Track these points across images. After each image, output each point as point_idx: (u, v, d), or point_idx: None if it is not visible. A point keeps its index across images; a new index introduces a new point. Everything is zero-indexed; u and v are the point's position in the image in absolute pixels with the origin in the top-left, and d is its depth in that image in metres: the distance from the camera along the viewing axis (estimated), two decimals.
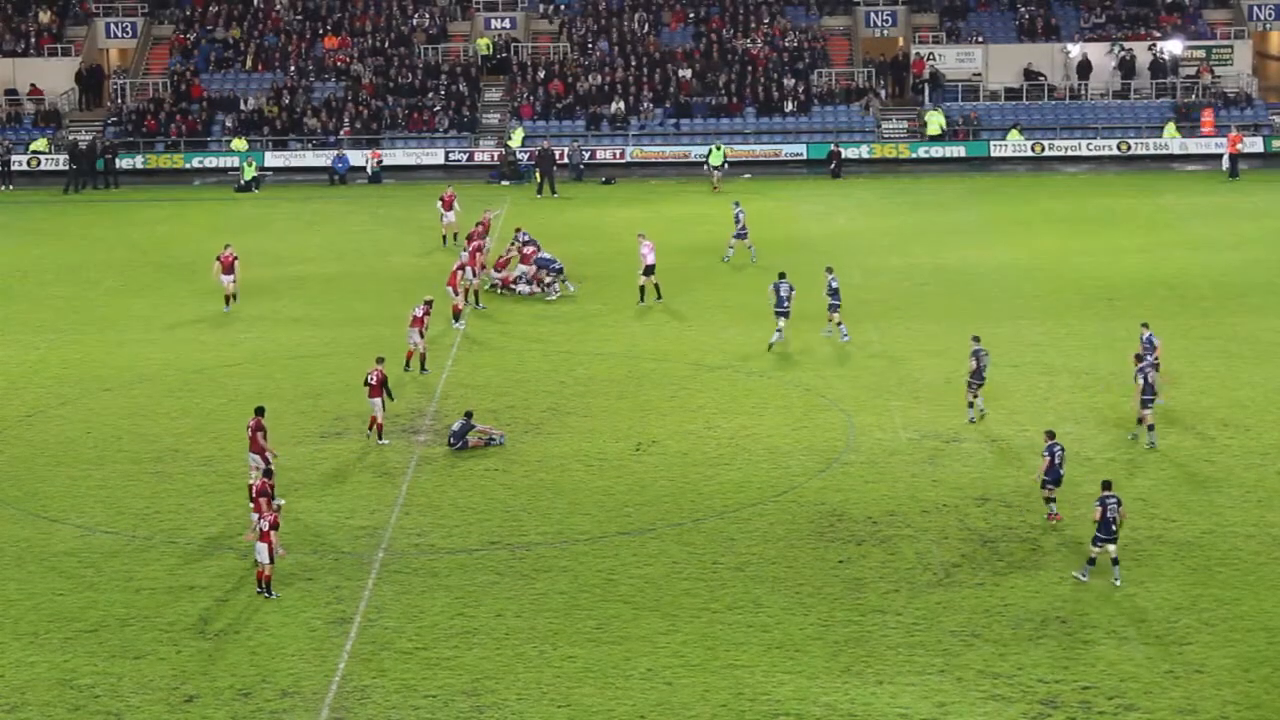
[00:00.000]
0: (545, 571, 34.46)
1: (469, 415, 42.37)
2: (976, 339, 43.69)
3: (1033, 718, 28.23)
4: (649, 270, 56.10)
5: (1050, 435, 37.09)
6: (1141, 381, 41.27)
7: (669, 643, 31.11)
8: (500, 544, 36.05)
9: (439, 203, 66.73)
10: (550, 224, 70.01)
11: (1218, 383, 46.22)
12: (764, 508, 37.75)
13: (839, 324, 50.81)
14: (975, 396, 43.29)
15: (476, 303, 56.18)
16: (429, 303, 49.16)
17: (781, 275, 50.92)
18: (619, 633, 31.59)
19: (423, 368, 48.01)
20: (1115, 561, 33.30)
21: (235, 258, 55.23)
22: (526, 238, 60.08)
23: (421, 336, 47.91)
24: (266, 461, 38.52)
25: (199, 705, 29.11)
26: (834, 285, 50.72)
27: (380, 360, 43.35)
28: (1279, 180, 79.21)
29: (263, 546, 33.32)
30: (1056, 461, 36.46)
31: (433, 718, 28.63)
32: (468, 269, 55.59)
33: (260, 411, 39.46)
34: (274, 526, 33.50)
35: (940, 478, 39.49)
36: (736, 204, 63.52)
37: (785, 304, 50.01)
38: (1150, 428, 41.37)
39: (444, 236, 66.24)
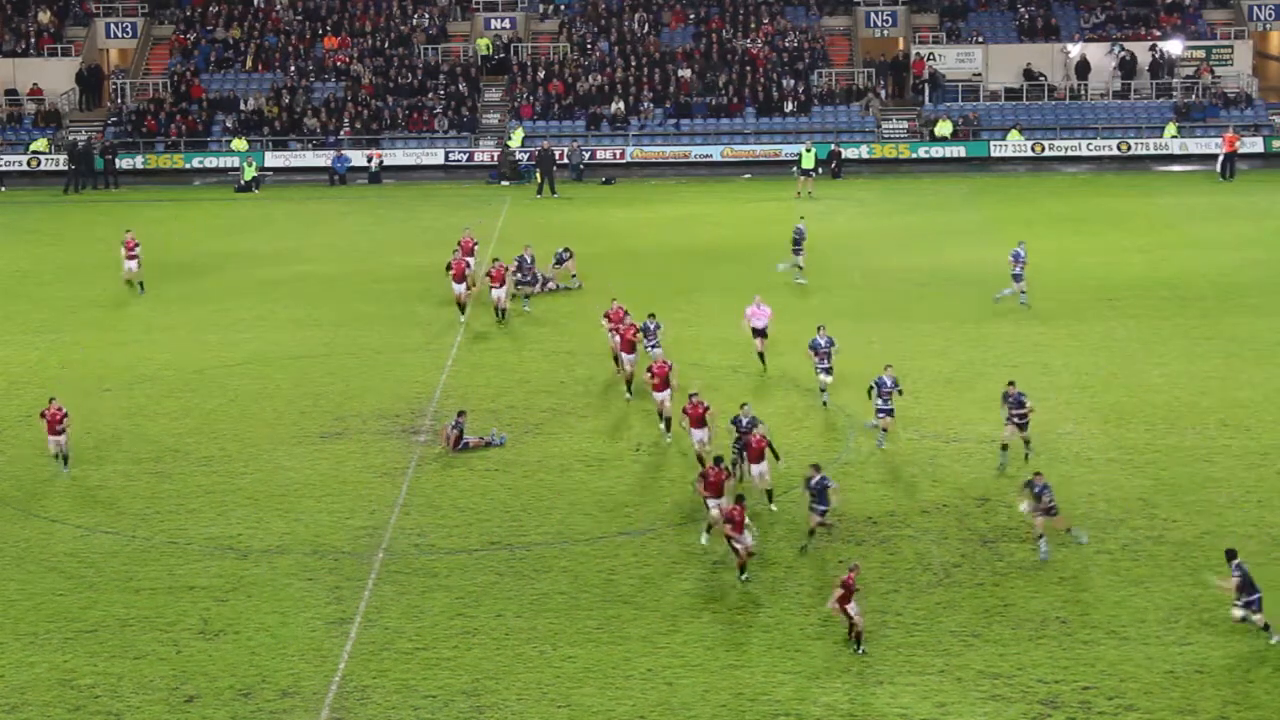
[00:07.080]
0: (545, 571, 34.44)
1: (461, 415, 42.26)
2: None
3: (1033, 718, 28.22)
4: (757, 334, 48.31)
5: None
6: None
7: (669, 643, 31.10)
8: (500, 544, 36.04)
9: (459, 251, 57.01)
10: (550, 224, 70.03)
11: (1218, 383, 46.17)
12: (764, 508, 37.69)
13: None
14: None
15: (501, 317, 53.90)
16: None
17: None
18: (619, 633, 31.58)
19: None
20: (1266, 628, 30.89)
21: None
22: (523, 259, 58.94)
23: None
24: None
25: (199, 705, 29.10)
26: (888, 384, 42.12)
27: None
28: (1278, 180, 79.19)
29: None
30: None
31: (433, 718, 28.63)
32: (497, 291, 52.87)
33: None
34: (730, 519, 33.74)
35: (940, 478, 39.46)
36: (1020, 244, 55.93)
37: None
38: None
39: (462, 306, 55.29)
